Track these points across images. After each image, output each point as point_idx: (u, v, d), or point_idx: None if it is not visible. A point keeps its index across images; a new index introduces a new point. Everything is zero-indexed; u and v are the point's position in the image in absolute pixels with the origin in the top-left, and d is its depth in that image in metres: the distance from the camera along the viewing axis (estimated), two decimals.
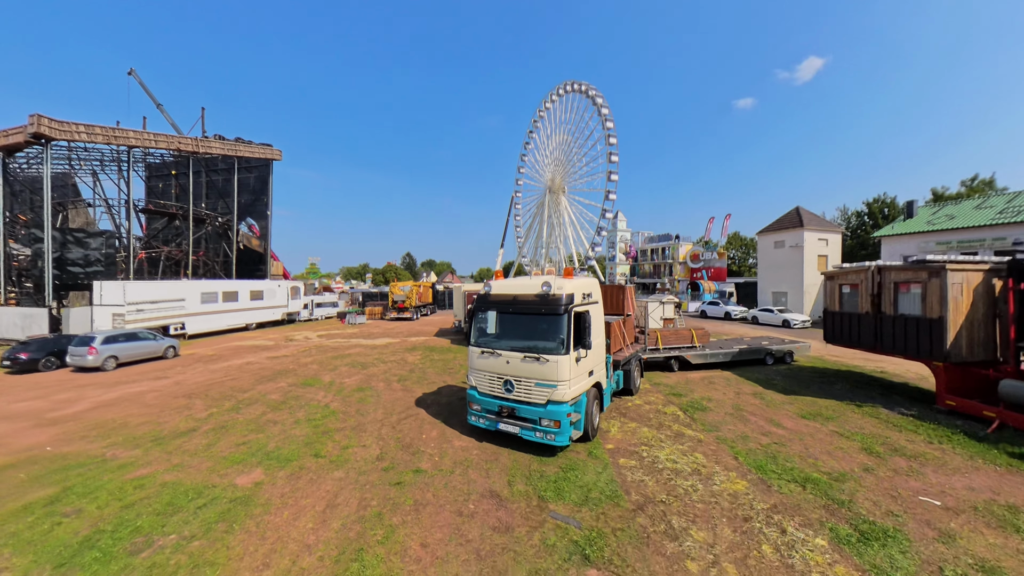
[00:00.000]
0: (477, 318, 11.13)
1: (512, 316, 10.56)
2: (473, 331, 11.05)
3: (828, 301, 18.98)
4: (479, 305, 11.06)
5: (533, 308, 10.07)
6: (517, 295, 10.46)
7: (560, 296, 9.79)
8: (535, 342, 9.89)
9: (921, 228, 43.46)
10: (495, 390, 10.26)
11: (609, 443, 10.55)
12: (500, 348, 10.21)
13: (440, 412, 12.92)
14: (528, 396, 9.70)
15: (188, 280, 33.41)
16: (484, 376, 10.44)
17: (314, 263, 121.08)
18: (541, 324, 9.95)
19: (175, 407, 13.26)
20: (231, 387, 15.68)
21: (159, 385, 16.14)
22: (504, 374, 10.02)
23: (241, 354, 23.38)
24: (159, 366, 20.15)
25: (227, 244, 44.35)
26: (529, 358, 9.64)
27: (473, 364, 10.74)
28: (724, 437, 10.88)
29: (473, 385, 10.79)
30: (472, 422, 10.78)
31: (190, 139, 36.88)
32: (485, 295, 11.02)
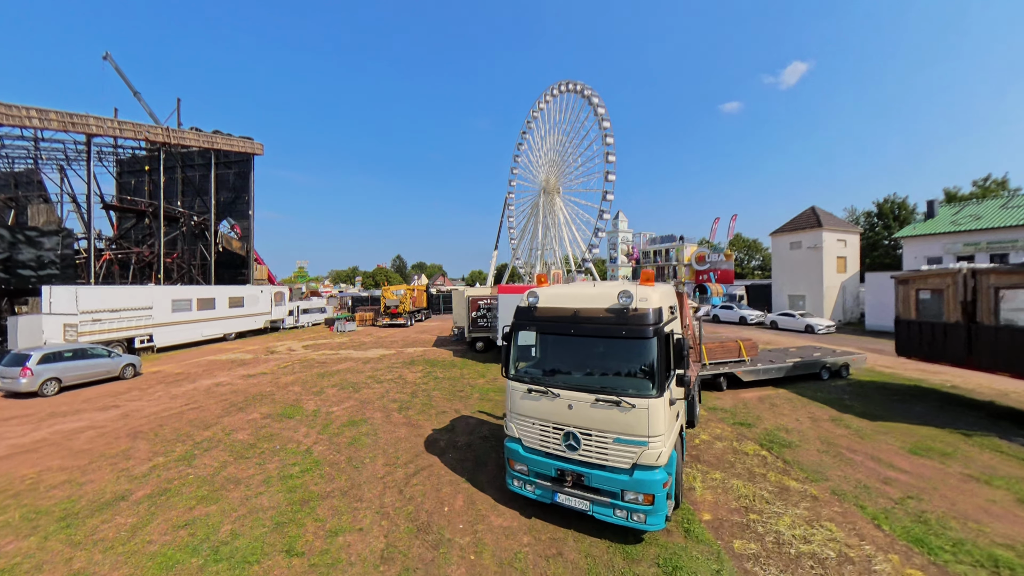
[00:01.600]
0: (518, 340, 8.13)
1: (573, 340, 7.58)
2: (511, 358, 7.99)
3: (901, 309, 16.71)
4: (521, 322, 8.06)
5: (606, 329, 7.13)
6: (580, 309, 7.44)
7: (647, 312, 6.93)
8: (610, 378, 7.11)
9: (946, 229, 41.40)
10: (551, 446, 7.28)
11: (703, 510, 7.77)
12: (557, 386, 7.25)
13: (461, 462, 9.93)
14: (603, 457, 6.79)
15: (157, 285, 30.01)
16: (533, 425, 7.45)
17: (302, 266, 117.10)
18: (619, 352, 7.16)
19: (111, 454, 10.11)
20: (190, 421, 12.53)
21: (102, 419, 12.92)
22: (564, 424, 7.07)
23: (212, 372, 20.14)
24: (112, 389, 16.89)
25: (204, 246, 40.82)
26: (604, 402, 6.74)
27: (515, 407, 7.70)
28: (841, 490, 8.47)
29: (515, 436, 7.73)
30: (515, 489, 7.76)
31: (161, 128, 33.42)
32: (529, 309, 7.97)
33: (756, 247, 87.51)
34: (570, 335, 7.54)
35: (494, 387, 16.98)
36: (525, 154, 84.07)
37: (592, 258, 75.18)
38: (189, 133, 36.20)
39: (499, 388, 16.79)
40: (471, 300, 25.86)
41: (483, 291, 26.90)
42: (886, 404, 14.32)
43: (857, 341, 29.79)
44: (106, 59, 44.29)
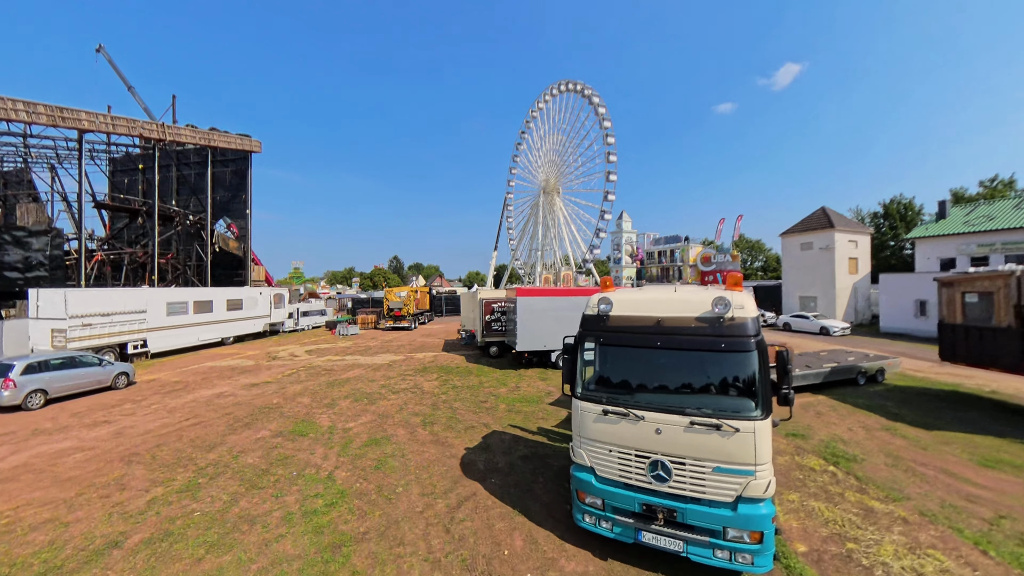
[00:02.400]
0: (585, 354, 7.06)
1: (657, 354, 6.59)
2: (578, 374, 7.00)
3: (946, 312, 16.05)
4: (590, 333, 7.07)
5: (700, 341, 6.23)
6: (665, 319, 6.53)
7: (745, 321, 6.09)
8: (705, 397, 6.19)
9: (958, 229, 40.69)
10: (633, 476, 6.28)
11: (795, 540, 6.93)
12: (641, 407, 6.28)
13: (506, 488, 8.75)
14: (700, 489, 5.87)
15: (151, 288, 28.57)
16: (610, 453, 6.45)
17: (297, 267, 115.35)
18: (714, 367, 6.27)
19: (102, 483, 8.78)
20: (192, 441, 11.20)
21: (92, 438, 11.56)
22: (650, 451, 6.13)
23: (212, 380, 18.77)
24: (104, 401, 15.51)
25: (200, 246, 39.31)
26: (700, 425, 5.84)
27: (585, 431, 6.67)
28: (928, 510, 7.95)
29: (585, 464, 6.70)
30: (586, 525, 6.65)
31: (156, 124, 31.96)
32: (600, 318, 7.00)
33: (759, 248, 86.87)
34: (655, 348, 6.53)
35: (518, 397, 15.80)
36: (524, 154, 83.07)
37: (593, 258, 74.24)
38: (185, 130, 34.75)
39: (524, 398, 15.62)
40: (484, 303, 24.62)
41: (497, 293, 25.66)
42: (934, 411, 13.84)
43: (875, 344, 28.88)
44: (99, 52, 42.72)
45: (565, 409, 14.30)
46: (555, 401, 15.33)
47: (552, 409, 14.42)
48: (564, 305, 21.23)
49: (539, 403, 15.09)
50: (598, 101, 67.96)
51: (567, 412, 14.01)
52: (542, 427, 12.65)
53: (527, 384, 17.90)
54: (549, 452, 10.74)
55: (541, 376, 19.49)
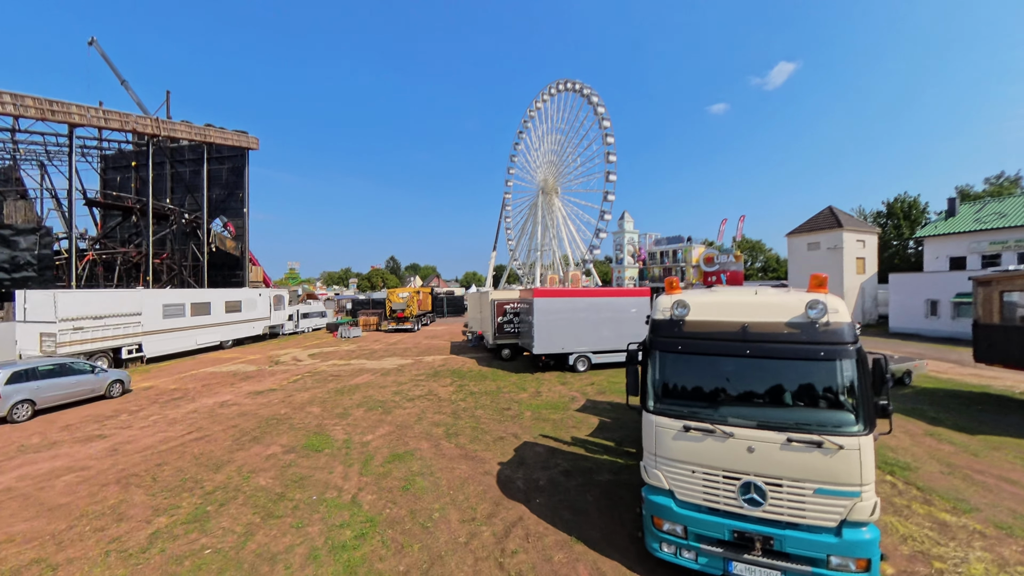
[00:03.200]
0: (658, 364, 6.36)
1: (744, 364, 5.93)
2: (651, 385, 6.33)
3: (981, 312, 15.54)
4: (663, 339, 6.36)
5: (794, 349, 5.69)
6: (751, 324, 5.91)
7: (843, 327, 5.61)
8: (802, 411, 5.66)
9: (969, 227, 40.13)
10: (721, 500, 5.67)
11: (886, 565, 6.24)
12: (729, 423, 5.69)
13: (554, 510, 7.85)
14: (800, 513, 5.35)
15: (146, 289, 27.37)
16: (694, 474, 5.82)
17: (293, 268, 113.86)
18: (810, 378, 5.73)
19: (97, 512, 7.72)
20: (196, 458, 10.14)
21: (85, 455, 10.47)
22: (741, 471, 5.56)
23: (213, 388, 17.68)
24: (97, 411, 14.40)
25: (196, 245, 38.05)
26: (800, 442, 5.34)
27: (663, 449, 5.99)
28: (1003, 522, 7.39)
29: (663, 487, 5.99)
30: (664, 555, 5.95)
31: (150, 119, 30.71)
32: (675, 322, 6.31)
33: (759, 248, 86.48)
34: (745, 356, 5.89)
35: (542, 403, 14.88)
36: (522, 154, 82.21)
37: (593, 259, 73.47)
38: (180, 125, 33.50)
39: (548, 404, 14.70)
40: (497, 304, 23.66)
41: (510, 294, 24.71)
42: (973, 415, 13.38)
43: (887, 344, 28.33)
44: (91, 45, 41.25)
45: (595, 416, 13.43)
46: (581, 408, 14.43)
47: (581, 416, 13.51)
48: (582, 306, 20.36)
49: (565, 410, 14.17)
50: (597, 100, 67.18)
51: (598, 420, 13.14)
52: (575, 436, 11.75)
53: (548, 389, 16.98)
54: (591, 466, 9.85)
55: (560, 380, 18.57)
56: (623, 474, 9.46)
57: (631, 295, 21.39)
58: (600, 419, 13.29)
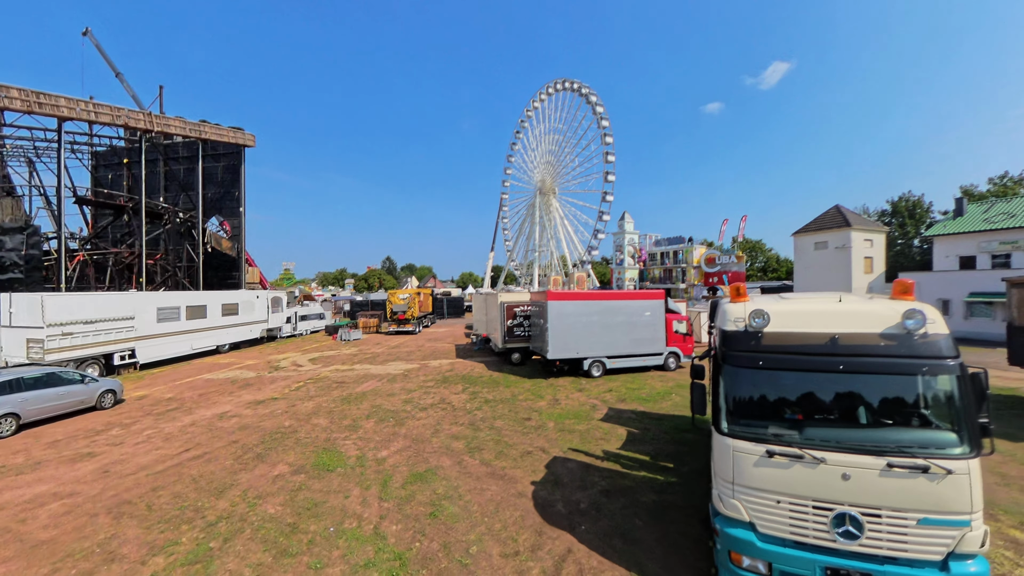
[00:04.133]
0: (733, 381, 5.76)
1: (833, 379, 5.44)
2: (724, 405, 5.73)
3: (1016, 314, 15.32)
4: (739, 352, 5.72)
5: (892, 364, 5.15)
6: (841, 335, 5.36)
7: (942, 339, 5.12)
8: (899, 432, 5.24)
9: (978, 227, 39.73)
10: (810, 533, 5.11)
11: None
12: (818, 446, 5.17)
13: (604, 538, 7.07)
14: (901, 547, 4.85)
15: (139, 291, 26.27)
16: (779, 504, 5.25)
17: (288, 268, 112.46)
18: (909, 395, 5.37)
19: (85, 551, 6.76)
20: (195, 480, 9.17)
21: (72, 478, 9.48)
22: (834, 501, 5.03)
23: (211, 396, 16.67)
24: (87, 425, 13.37)
25: (191, 246, 36.87)
26: (902, 467, 4.83)
27: (742, 476, 5.41)
28: None
29: (742, 519, 5.40)
30: None
31: (143, 114, 29.55)
32: (752, 334, 5.71)
33: (760, 248, 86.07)
34: (836, 372, 5.28)
35: (563, 412, 14.04)
36: (519, 154, 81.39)
37: (591, 259, 72.75)
38: (174, 120, 32.35)
39: (570, 414, 13.86)
40: (507, 307, 22.77)
41: (519, 296, 23.85)
42: (1012, 420, 12.87)
43: None
44: (86, 36, 39.86)
45: (622, 427, 12.61)
46: (605, 417, 13.60)
47: (607, 427, 12.67)
48: (597, 309, 19.53)
49: (588, 419, 13.34)
50: (595, 100, 66.42)
51: (625, 431, 12.32)
52: (606, 450, 10.94)
53: (565, 396, 16.13)
54: (631, 484, 9.06)
55: (576, 386, 17.72)
56: (667, 493, 8.67)
57: (645, 298, 20.57)
58: (628, 430, 12.47)
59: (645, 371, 20.29)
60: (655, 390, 16.99)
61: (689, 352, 21.44)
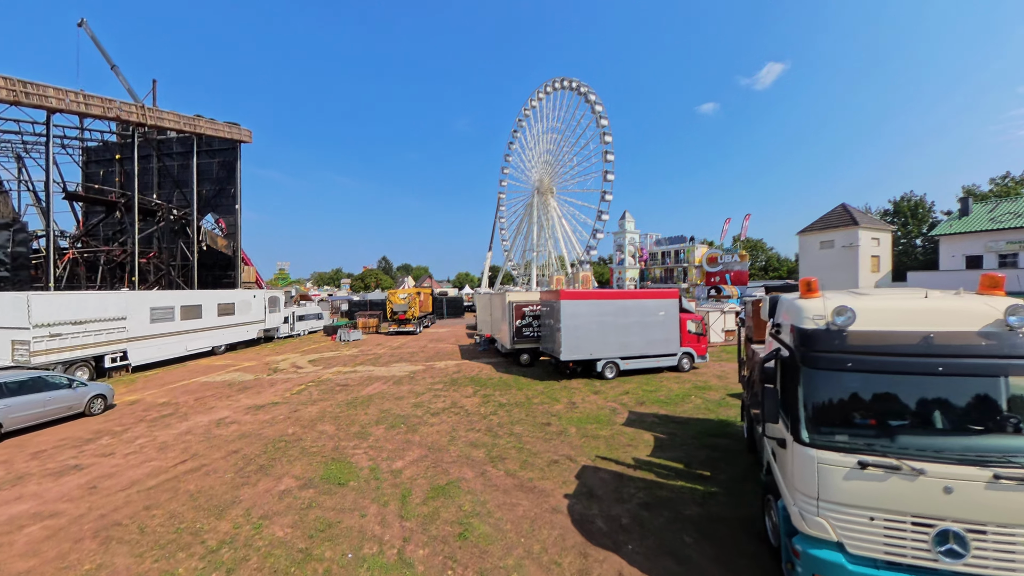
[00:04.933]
0: (815, 385, 5.26)
1: (926, 382, 5.00)
2: (802, 412, 5.24)
3: None
4: (820, 354, 5.22)
5: (994, 364, 4.75)
6: (936, 334, 4.93)
7: None
8: (1005, 439, 4.76)
9: (984, 226, 39.42)
10: (908, 553, 4.68)
11: None
12: (915, 456, 4.73)
13: (655, 559, 6.35)
14: (1009, 566, 4.43)
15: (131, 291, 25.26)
16: (872, 521, 4.79)
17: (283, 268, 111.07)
18: (1016, 399, 4.85)
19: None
20: (192, 498, 8.30)
21: (56, 495, 8.59)
22: (935, 516, 4.60)
23: (207, 400, 15.77)
24: (75, 433, 12.45)
25: (186, 244, 35.81)
26: (1011, 478, 4.41)
27: (829, 491, 4.94)
28: None
29: (831, 538, 4.91)
30: None
31: (135, 106, 28.51)
32: (835, 333, 5.22)
33: (760, 248, 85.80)
34: (934, 374, 4.85)
35: (582, 416, 13.30)
36: (517, 154, 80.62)
37: (589, 259, 72.08)
38: (167, 114, 31.31)
39: (590, 418, 13.12)
40: (515, 307, 21.97)
41: (528, 296, 23.07)
42: None
43: None
44: (81, 27, 38.60)
45: (647, 432, 11.89)
46: (627, 421, 12.87)
47: (631, 432, 11.94)
48: (610, 309, 18.79)
49: (611, 424, 12.60)
50: (595, 99, 65.73)
51: (651, 436, 11.60)
52: (636, 457, 10.21)
53: (581, 399, 15.37)
54: (670, 495, 8.35)
55: (591, 388, 16.98)
56: (711, 505, 7.96)
57: (659, 297, 19.85)
58: (653, 435, 11.74)
59: (659, 372, 19.59)
60: (673, 392, 16.29)
61: (703, 352, 20.77)
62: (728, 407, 14.37)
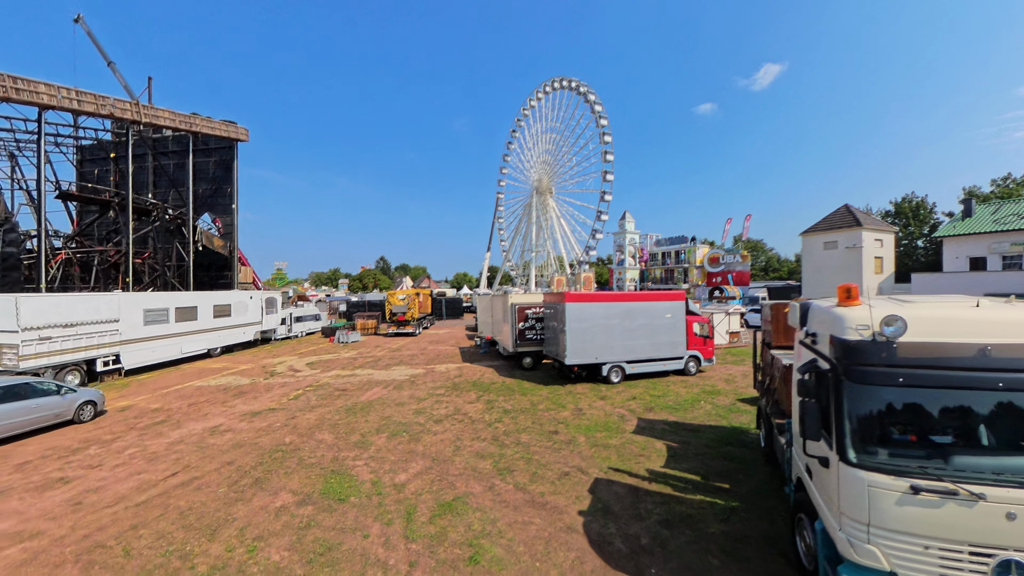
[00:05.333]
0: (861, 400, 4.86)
1: (989, 399, 4.61)
2: (847, 430, 4.85)
3: None
4: (871, 370, 4.78)
5: None
6: (992, 347, 4.49)
7: None
8: None
9: (988, 228, 39.17)
10: None
11: None
12: (970, 479, 4.35)
13: None
14: None
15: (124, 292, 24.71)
16: (927, 550, 4.39)
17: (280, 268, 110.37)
18: None
19: None
20: (183, 515, 7.81)
21: (40, 511, 8.09)
22: (998, 546, 4.21)
23: (202, 406, 15.25)
24: (62, 442, 11.94)
25: (181, 244, 35.23)
26: None
27: (880, 516, 4.53)
28: None
29: (883, 568, 4.52)
30: None
31: (130, 103, 27.93)
32: (882, 345, 4.75)
33: (760, 248, 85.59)
34: (995, 389, 4.45)
35: (590, 424, 12.85)
36: (515, 154, 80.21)
37: (588, 260, 71.68)
38: (163, 111, 30.74)
39: (598, 425, 12.67)
40: (518, 309, 21.50)
41: (532, 298, 22.58)
42: None
43: None
44: (78, 22, 37.93)
45: (658, 440, 11.46)
46: (637, 429, 12.43)
47: (642, 440, 11.50)
48: (616, 312, 18.34)
49: (620, 432, 12.14)
50: (594, 98, 65.36)
51: (663, 445, 11.16)
52: (650, 469, 9.77)
53: (588, 405, 14.92)
54: (689, 511, 7.91)
55: (597, 394, 16.52)
56: (735, 522, 7.53)
57: (666, 299, 19.41)
58: (666, 444, 11.29)
59: (664, 376, 19.16)
60: (681, 397, 15.84)
61: (709, 356, 20.36)
62: (740, 413, 13.94)
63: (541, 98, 74.73)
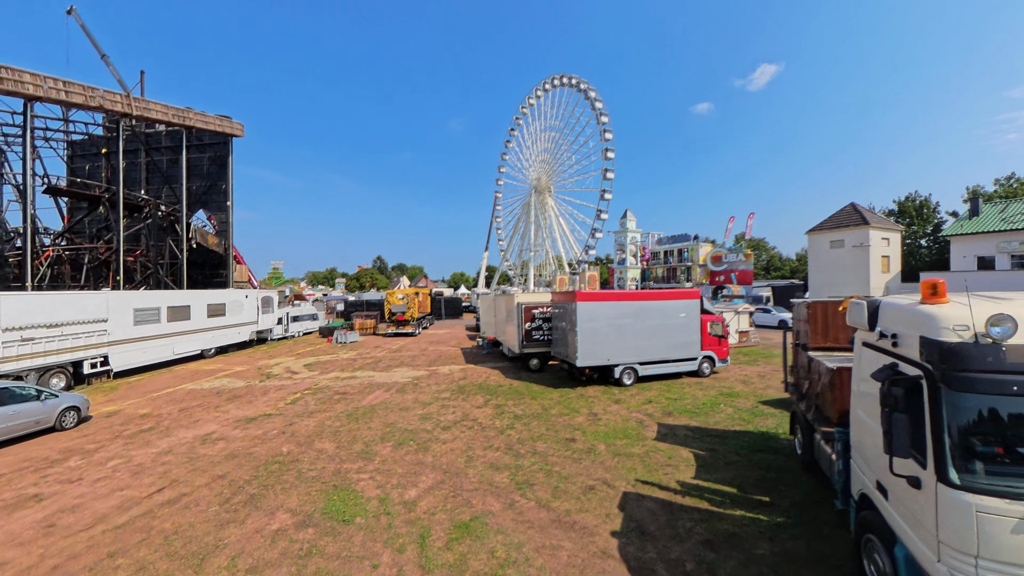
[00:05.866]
0: (965, 412, 4.22)
1: None
2: (948, 446, 4.19)
3: None
4: (977, 378, 4.08)
5: None
6: None
7: None
8: None
9: (996, 227, 38.67)
10: None
11: None
12: None
13: None
14: None
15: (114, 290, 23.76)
16: None
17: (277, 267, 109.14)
18: None
19: None
20: (167, 540, 6.95)
21: (7, 535, 7.22)
22: None
23: (193, 412, 14.36)
24: (41, 452, 11.05)
25: (175, 241, 34.23)
26: None
27: (991, 547, 3.82)
28: None
29: None
30: None
31: (121, 96, 26.93)
32: (992, 349, 4.07)
33: (762, 247, 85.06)
34: None
35: (608, 430, 12.07)
36: (514, 152, 79.33)
37: (587, 259, 70.88)
38: (156, 105, 29.73)
39: (617, 432, 11.90)
40: (524, 308, 20.69)
41: (539, 297, 21.76)
42: None
43: None
44: (70, 14, 36.82)
45: (684, 448, 10.70)
46: (659, 436, 11.64)
47: (666, 448, 10.72)
48: (629, 311, 17.56)
49: (641, 440, 11.36)
50: (594, 96, 64.53)
51: (690, 453, 10.40)
52: (681, 480, 9.00)
53: (603, 410, 14.11)
54: (732, 528, 7.19)
55: (610, 397, 15.72)
56: (784, 540, 6.80)
57: (679, 297, 18.62)
58: (692, 452, 10.52)
59: (678, 377, 18.37)
60: (699, 400, 15.07)
61: (724, 356, 19.59)
62: (764, 416, 13.19)
63: (540, 95, 73.88)
